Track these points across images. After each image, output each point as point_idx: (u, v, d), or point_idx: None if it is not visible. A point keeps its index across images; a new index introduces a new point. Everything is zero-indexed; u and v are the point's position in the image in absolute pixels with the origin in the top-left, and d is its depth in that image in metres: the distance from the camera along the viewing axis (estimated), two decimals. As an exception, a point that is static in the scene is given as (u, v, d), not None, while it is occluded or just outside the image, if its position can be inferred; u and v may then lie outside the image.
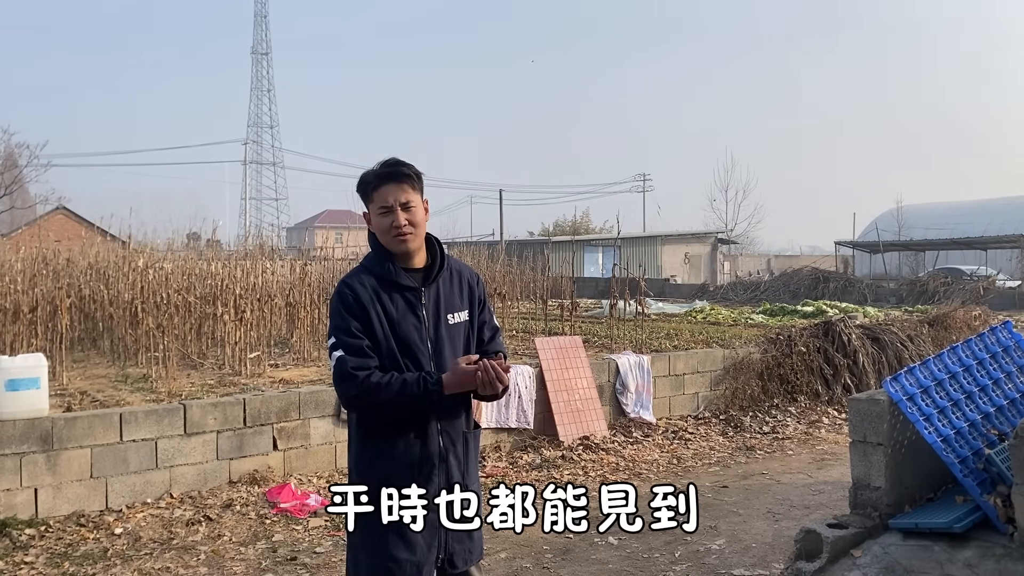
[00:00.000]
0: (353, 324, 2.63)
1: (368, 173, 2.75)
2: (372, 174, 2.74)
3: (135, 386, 8.21)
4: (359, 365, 2.59)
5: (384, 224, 2.69)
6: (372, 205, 2.73)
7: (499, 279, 17.78)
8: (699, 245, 45.47)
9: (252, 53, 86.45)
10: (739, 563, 4.89)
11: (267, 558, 5.04)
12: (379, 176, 2.72)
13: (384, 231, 2.70)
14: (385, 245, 2.73)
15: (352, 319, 2.63)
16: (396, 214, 2.68)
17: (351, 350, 2.60)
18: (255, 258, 13.27)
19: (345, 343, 2.61)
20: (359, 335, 2.62)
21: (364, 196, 2.76)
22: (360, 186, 2.77)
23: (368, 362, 2.60)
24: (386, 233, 2.70)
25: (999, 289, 24.21)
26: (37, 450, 5.53)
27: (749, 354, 9.68)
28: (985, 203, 49.61)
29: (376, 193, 2.71)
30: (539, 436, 7.77)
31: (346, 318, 2.63)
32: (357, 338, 2.61)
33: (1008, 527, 3.49)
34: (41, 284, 10.49)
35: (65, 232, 24.86)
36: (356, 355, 2.60)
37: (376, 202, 2.71)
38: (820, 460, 7.53)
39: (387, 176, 2.71)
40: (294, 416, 6.58)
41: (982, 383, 4.14)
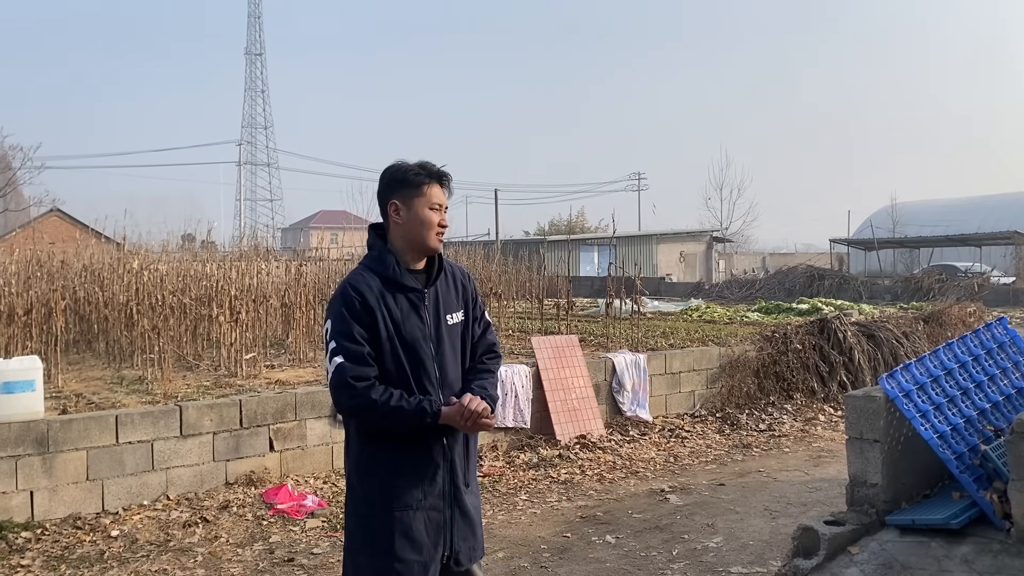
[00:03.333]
0: (356, 329, 2.59)
1: (418, 167, 2.74)
2: (426, 169, 2.74)
3: (131, 388, 8.19)
4: (358, 375, 2.56)
5: (432, 219, 2.72)
6: (420, 199, 2.71)
7: (495, 279, 17.75)
8: (694, 244, 45.51)
9: (246, 54, 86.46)
10: (736, 561, 4.89)
11: (264, 559, 5.03)
12: (436, 175, 2.75)
13: (430, 226, 2.72)
14: (419, 239, 2.72)
15: (355, 324, 2.60)
16: (443, 214, 2.76)
17: (352, 357, 2.57)
18: (250, 259, 13.24)
19: (346, 349, 2.58)
20: (361, 341, 2.59)
21: (404, 186, 2.72)
22: (406, 175, 2.73)
23: (368, 372, 2.57)
24: (431, 228, 2.72)
25: (994, 286, 24.27)
26: (33, 453, 5.51)
27: (745, 352, 9.68)
28: (979, 200, 49.74)
29: (430, 189, 2.72)
30: (536, 435, 7.77)
31: (349, 323, 2.60)
32: (359, 344, 2.58)
33: (1005, 523, 3.50)
34: (36, 286, 10.46)
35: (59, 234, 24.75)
36: (356, 363, 2.56)
37: (428, 197, 2.72)
38: (817, 457, 7.54)
39: (442, 178, 2.77)
40: (290, 417, 6.57)
41: (978, 379, 4.15)
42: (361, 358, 2.57)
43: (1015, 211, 43.01)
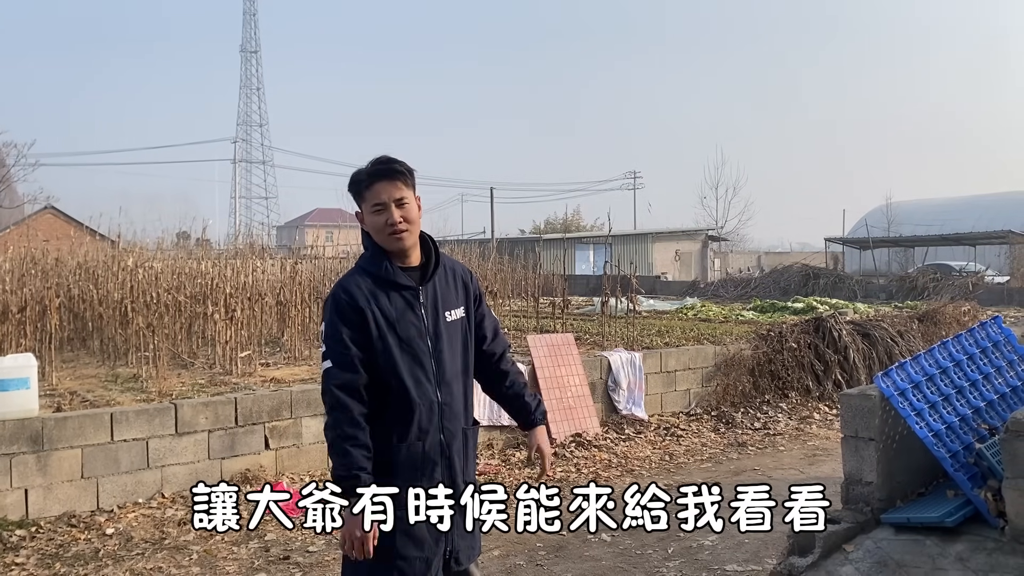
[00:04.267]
0: (345, 332, 2.60)
1: (359, 172, 2.72)
2: (364, 172, 2.71)
3: (125, 386, 8.17)
4: (342, 382, 2.57)
5: (379, 222, 2.67)
6: (365, 204, 2.70)
7: (491, 277, 17.75)
8: (690, 242, 45.53)
9: (241, 51, 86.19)
10: (732, 559, 4.90)
11: (260, 557, 5.03)
12: (371, 174, 2.69)
13: (379, 229, 2.68)
14: (380, 243, 2.70)
15: (344, 327, 2.60)
16: (391, 211, 2.66)
17: (339, 362, 2.58)
18: (245, 257, 13.22)
19: (334, 353, 2.60)
20: (349, 344, 2.59)
21: (356, 195, 2.73)
22: (352, 185, 2.74)
23: (353, 379, 2.57)
24: (381, 231, 2.68)
25: (988, 285, 24.32)
26: (27, 451, 5.50)
27: (740, 350, 9.70)
28: (974, 199, 49.85)
29: (369, 191, 2.68)
30: (531, 433, 7.76)
31: (338, 327, 2.61)
32: (347, 348, 2.59)
33: (999, 521, 3.51)
34: (30, 284, 10.43)
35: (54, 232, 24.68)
36: (343, 369, 2.58)
37: (369, 200, 2.68)
38: (812, 456, 7.56)
39: (379, 173, 2.69)
40: (286, 415, 6.56)
41: (972, 378, 4.17)
42: (348, 363, 2.58)
43: (1009, 211, 43.12)
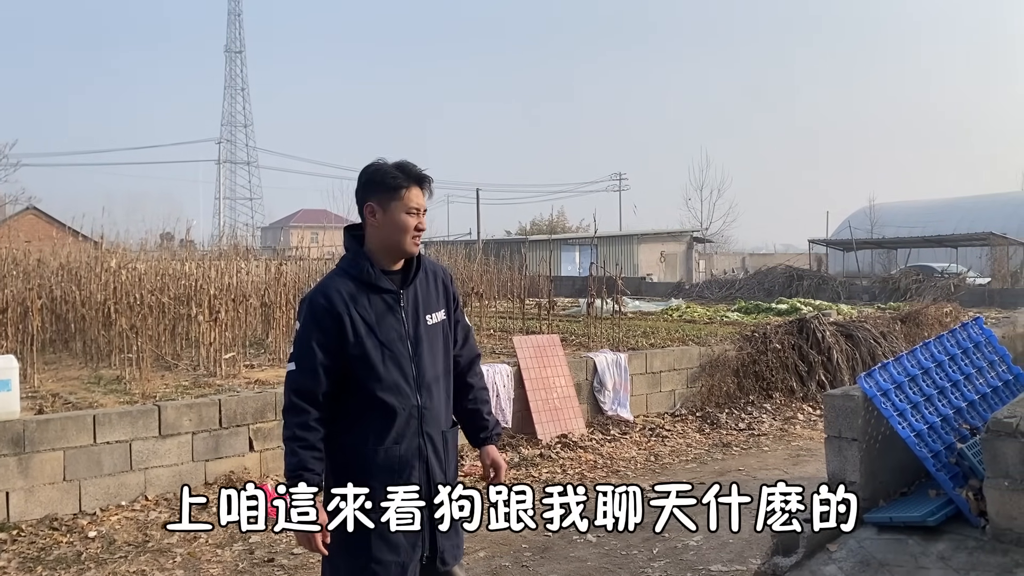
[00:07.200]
0: (315, 337, 2.60)
1: (397, 169, 2.69)
2: (405, 171, 2.69)
3: (108, 388, 8.12)
4: (300, 389, 2.60)
5: (408, 224, 2.68)
6: (398, 203, 2.67)
7: (476, 278, 17.76)
8: (675, 244, 45.71)
9: (226, 51, 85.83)
10: (716, 559, 4.92)
11: (244, 560, 5.00)
12: (416, 177, 2.70)
13: (406, 230, 2.68)
14: (395, 243, 2.69)
15: (316, 331, 2.61)
16: (421, 218, 2.71)
17: (301, 367, 2.61)
18: (229, 258, 13.20)
19: (299, 358, 2.63)
20: (316, 351, 2.60)
21: (389, 190, 2.68)
22: (389, 180, 2.68)
23: (314, 386, 2.59)
24: (406, 232, 2.68)
25: (969, 286, 24.56)
26: (8, 453, 5.44)
27: (725, 351, 9.74)
28: (956, 201, 50.23)
29: (408, 193, 2.68)
30: (517, 435, 7.78)
31: (310, 331, 2.62)
32: (313, 354, 2.60)
33: (980, 520, 3.54)
34: (11, 285, 10.36)
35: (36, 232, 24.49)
36: (304, 375, 2.60)
37: (406, 201, 2.68)
38: (796, 456, 7.60)
39: (422, 180, 2.72)
40: (270, 417, 6.53)
41: (954, 379, 4.21)
42: (311, 370, 2.60)
43: (990, 213, 43.49)
